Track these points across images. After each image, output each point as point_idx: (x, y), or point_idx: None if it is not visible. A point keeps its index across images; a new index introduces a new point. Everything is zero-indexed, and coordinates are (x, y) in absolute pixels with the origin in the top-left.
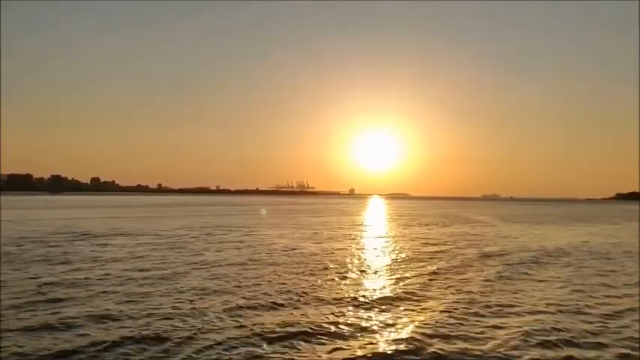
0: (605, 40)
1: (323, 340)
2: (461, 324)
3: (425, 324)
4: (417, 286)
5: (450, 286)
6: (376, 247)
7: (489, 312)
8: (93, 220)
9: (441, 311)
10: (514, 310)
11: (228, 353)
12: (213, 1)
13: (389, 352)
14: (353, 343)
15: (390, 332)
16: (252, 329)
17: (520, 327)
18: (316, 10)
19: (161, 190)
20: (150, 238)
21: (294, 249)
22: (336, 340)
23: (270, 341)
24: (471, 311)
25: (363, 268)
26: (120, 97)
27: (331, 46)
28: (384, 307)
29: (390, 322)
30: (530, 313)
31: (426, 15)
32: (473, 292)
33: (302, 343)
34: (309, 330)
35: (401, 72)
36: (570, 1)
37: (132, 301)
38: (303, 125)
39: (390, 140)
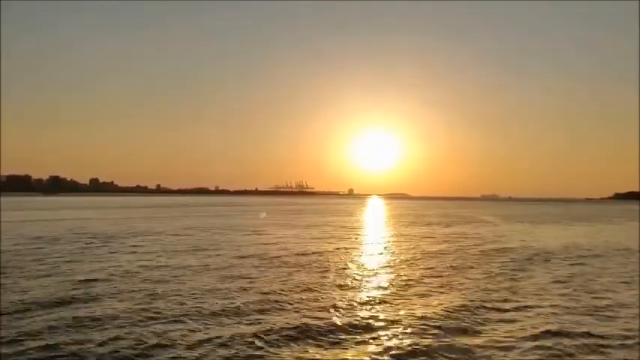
0: (605, 40)
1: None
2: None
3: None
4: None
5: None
6: (388, 248)
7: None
8: (100, 221)
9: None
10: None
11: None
12: (213, 1)
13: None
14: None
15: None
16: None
17: None
18: (316, 10)
19: (160, 191)
20: (163, 238)
21: (308, 249)
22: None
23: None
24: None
25: (382, 270)
26: (120, 97)
27: (331, 46)
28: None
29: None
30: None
31: (426, 15)
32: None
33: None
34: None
35: (401, 72)
36: (570, 1)
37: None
38: (302, 125)
39: (389, 140)
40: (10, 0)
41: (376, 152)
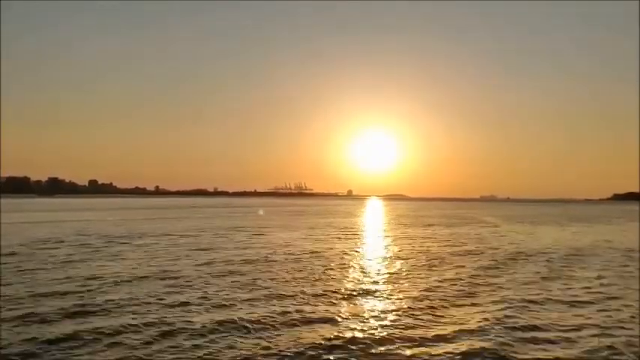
0: (605, 40)
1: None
2: None
3: None
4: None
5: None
6: (397, 250)
7: None
8: (103, 222)
9: None
10: None
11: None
12: (213, 1)
13: None
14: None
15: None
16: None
17: None
18: (316, 10)
19: (159, 192)
20: (172, 239)
21: (317, 250)
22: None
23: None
24: None
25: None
26: (120, 97)
27: (331, 46)
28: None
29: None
30: None
31: (426, 15)
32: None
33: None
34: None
35: (400, 72)
36: (570, 1)
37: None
38: (302, 125)
39: (388, 141)
40: (10, 0)
41: (375, 153)
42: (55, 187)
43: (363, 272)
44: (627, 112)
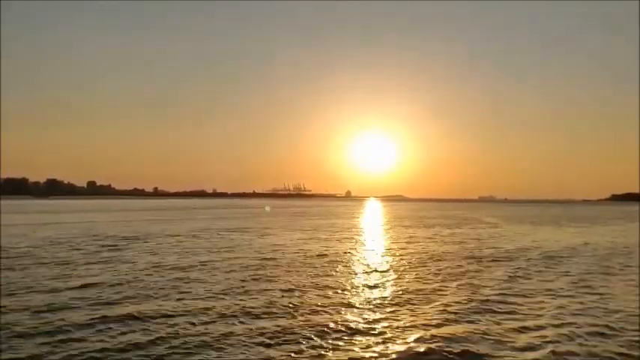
0: (605, 40)
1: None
2: None
3: None
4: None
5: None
6: (403, 250)
7: None
8: (107, 223)
9: None
10: None
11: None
12: (213, 1)
13: None
14: None
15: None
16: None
17: None
18: (316, 10)
19: (157, 194)
20: (179, 240)
21: (324, 251)
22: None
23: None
24: None
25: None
26: (119, 97)
27: (331, 46)
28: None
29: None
30: None
31: (425, 15)
32: None
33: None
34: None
35: (400, 73)
36: (570, 0)
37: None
38: (302, 126)
39: (387, 142)
40: (10, 0)
41: (374, 154)
42: (54, 189)
43: (382, 271)
44: (627, 113)
